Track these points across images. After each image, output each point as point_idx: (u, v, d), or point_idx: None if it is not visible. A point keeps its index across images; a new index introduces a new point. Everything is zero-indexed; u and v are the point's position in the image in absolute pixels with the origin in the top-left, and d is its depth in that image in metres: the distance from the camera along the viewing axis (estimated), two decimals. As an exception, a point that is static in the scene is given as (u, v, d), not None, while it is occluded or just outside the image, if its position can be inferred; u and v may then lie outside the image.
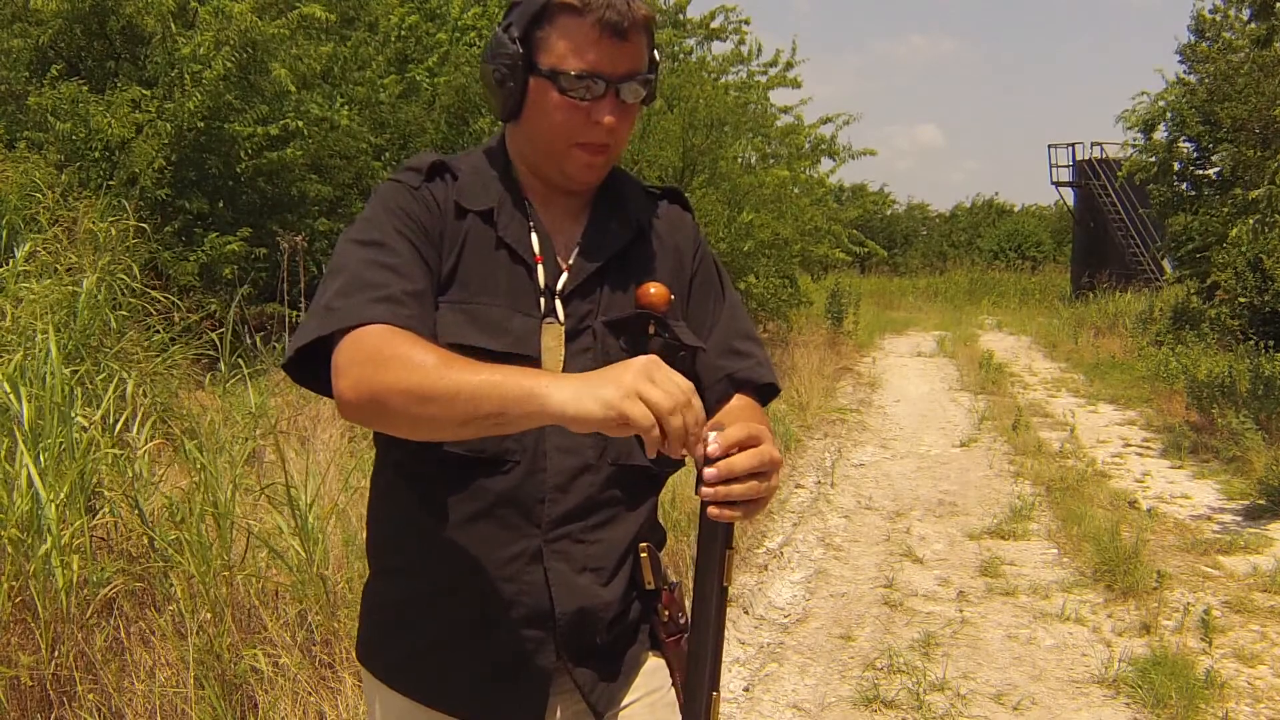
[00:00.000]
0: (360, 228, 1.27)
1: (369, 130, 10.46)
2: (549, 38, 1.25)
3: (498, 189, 1.34)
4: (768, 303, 11.93)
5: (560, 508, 1.29)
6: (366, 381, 1.11)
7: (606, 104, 1.26)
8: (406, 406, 1.09)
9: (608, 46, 1.23)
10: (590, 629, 1.32)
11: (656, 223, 1.42)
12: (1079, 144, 24.67)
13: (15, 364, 3.14)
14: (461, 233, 1.30)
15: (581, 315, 1.31)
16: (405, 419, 1.12)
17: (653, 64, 1.30)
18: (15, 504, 2.73)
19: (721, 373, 1.38)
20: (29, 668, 2.51)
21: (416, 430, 1.13)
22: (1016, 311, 22.25)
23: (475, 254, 1.30)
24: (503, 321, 1.27)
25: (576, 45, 1.23)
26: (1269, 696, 3.62)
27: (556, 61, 1.24)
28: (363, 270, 1.21)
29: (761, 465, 1.06)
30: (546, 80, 1.25)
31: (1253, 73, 11.45)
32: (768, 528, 5.67)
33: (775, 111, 12.38)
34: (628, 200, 1.40)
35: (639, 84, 1.27)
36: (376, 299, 1.18)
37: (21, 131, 8.19)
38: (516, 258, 1.31)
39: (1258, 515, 6.00)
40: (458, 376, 1.07)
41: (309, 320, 1.21)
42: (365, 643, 1.41)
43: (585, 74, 1.24)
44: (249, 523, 3.29)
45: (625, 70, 1.26)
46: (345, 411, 1.15)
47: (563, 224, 1.35)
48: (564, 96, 1.25)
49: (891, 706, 3.51)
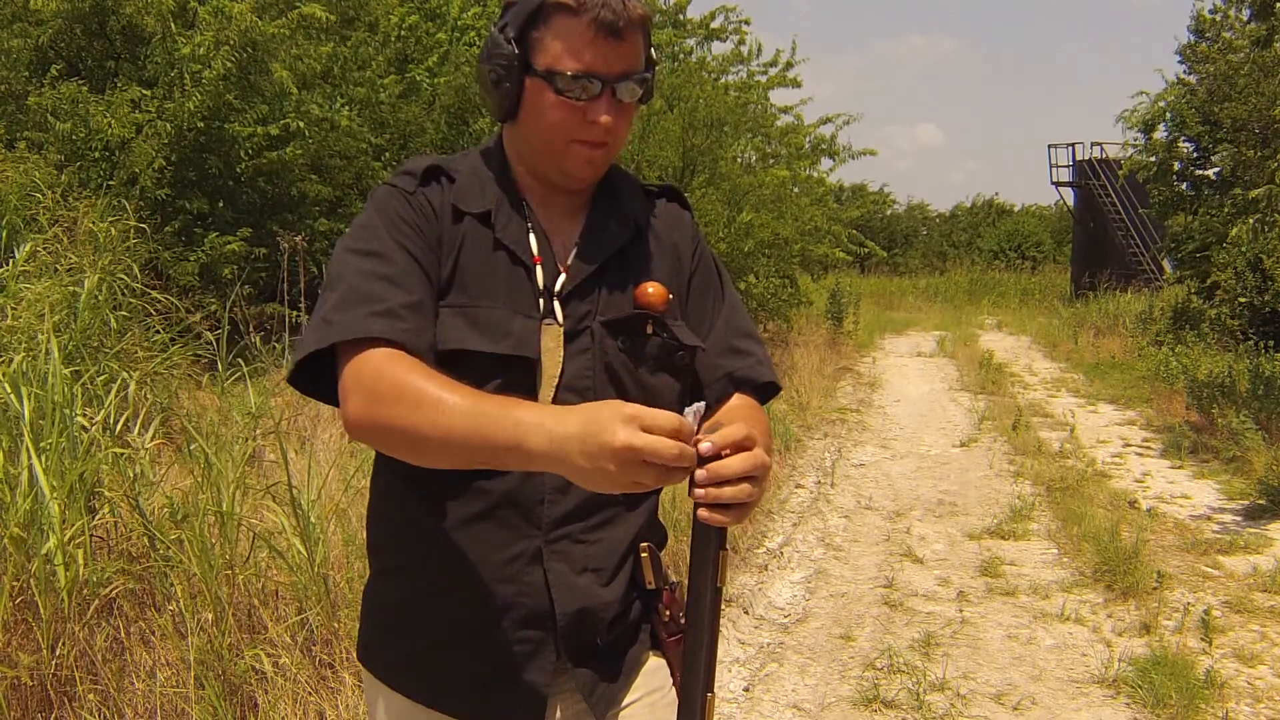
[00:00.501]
0: (357, 235, 1.27)
1: (369, 130, 10.47)
2: (544, 38, 1.24)
3: (495, 190, 1.33)
4: (768, 303, 11.93)
5: (560, 508, 1.29)
6: (368, 413, 1.14)
7: (603, 104, 1.25)
8: (405, 444, 1.15)
9: (603, 46, 1.23)
10: (591, 629, 1.32)
11: (655, 221, 1.41)
12: (1079, 144, 24.70)
13: (17, 365, 3.14)
14: (459, 236, 1.30)
15: (580, 316, 1.31)
16: (403, 453, 1.17)
17: (649, 63, 1.30)
18: (18, 503, 2.73)
19: (721, 371, 1.38)
20: (29, 667, 2.51)
21: (418, 461, 1.17)
22: (1016, 311, 22.24)
23: (473, 256, 1.29)
24: (503, 324, 1.27)
25: (572, 45, 1.23)
26: (1269, 696, 3.62)
27: (552, 62, 1.24)
28: (360, 282, 1.21)
29: (753, 469, 1.06)
30: (542, 80, 1.25)
31: (1253, 73, 11.45)
32: (768, 528, 5.67)
33: (775, 111, 12.38)
34: (626, 199, 1.40)
35: (635, 83, 1.27)
36: (374, 313, 1.18)
37: (21, 131, 8.20)
38: (515, 259, 1.30)
39: (1258, 515, 6.00)
40: (449, 422, 1.09)
41: (308, 334, 1.21)
42: (365, 643, 1.41)
43: (581, 74, 1.23)
44: (253, 521, 3.29)
45: (621, 70, 1.25)
46: (351, 433, 1.19)
47: (561, 224, 1.35)
48: (560, 97, 1.25)
49: (891, 706, 3.51)
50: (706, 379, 1.37)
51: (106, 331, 4.32)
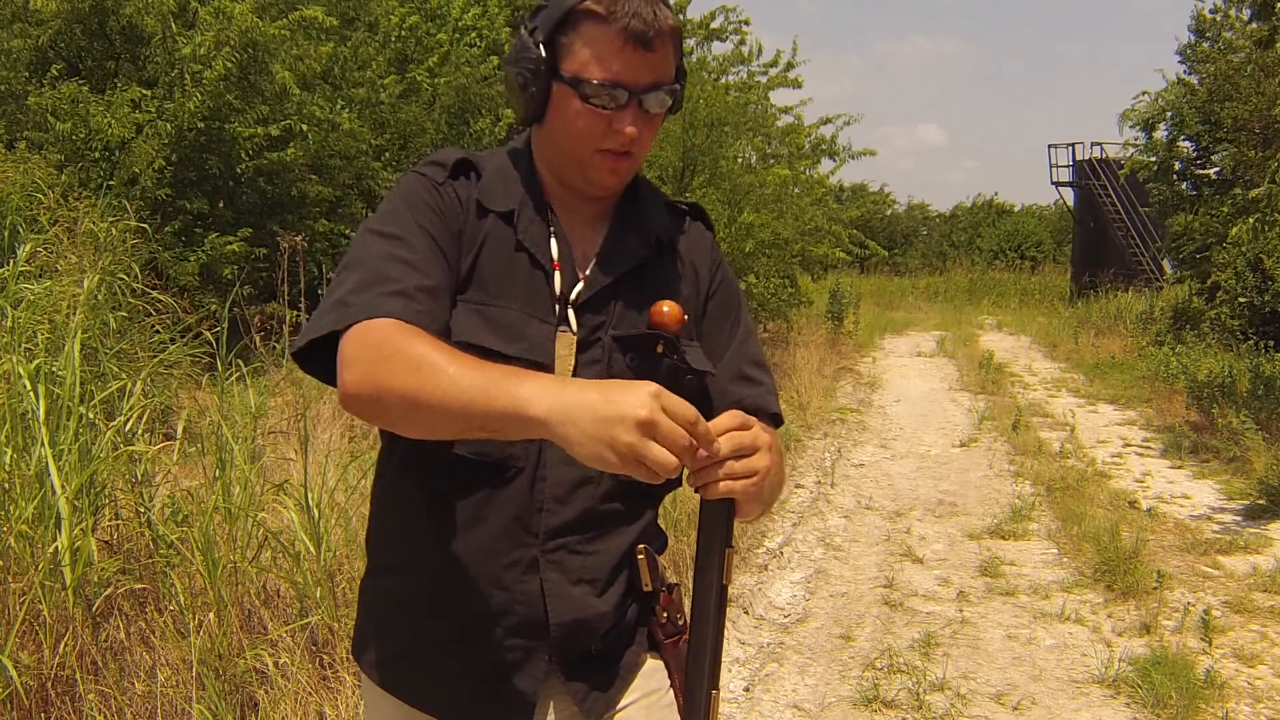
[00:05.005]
0: (381, 218, 1.26)
1: (369, 131, 10.47)
2: (573, 44, 1.23)
3: (520, 191, 1.32)
4: (768, 303, 11.92)
5: (558, 518, 1.29)
6: (369, 377, 1.10)
7: (629, 114, 1.24)
8: (403, 408, 1.09)
9: (632, 56, 1.22)
10: (584, 640, 1.32)
11: (677, 240, 1.40)
12: (1079, 144, 24.66)
13: (37, 364, 3.14)
14: (482, 232, 1.29)
15: (594, 327, 1.30)
16: (401, 420, 1.12)
17: (679, 73, 1.29)
18: (25, 504, 2.73)
19: (731, 398, 1.37)
20: (30, 667, 2.51)
21: (413, 430, 1.13)
22: (1016, 311, 22.24)
23: (494, 255, 1.29)
24: (519, 326, 1.26)
25: (600, 54, 1.22)
26: (1269, 696, 3.62)
27: (579, 69, 1.23)
28: (380, 264, 1.20)
29: (750, 445, 1.07)
30: (569, 87, 1.24)
31: (1253, 73, 11.45)
32: (768, 528, 5.67)
33: (775, 111, 12.37)
34: (649, 214, 1.39)
35: (665, 94, 1.26)
36: (390, 293, 1.17)
37: (21, 131, 8.20)
38: (535, 262, 1.29)
39: (1258, 515, 6.00)
40: (450, 385, 1.05)
41: (324, 313, 1.19)
42: (358, 638, 1.41)
43: (608, 83, 1.22)
44: (263, 516, 3.30)
45: (650, 81, 1.24)
46: (346, 404, 1.14)
47: (582, 231, 1.34)
48: (586, 104, 1.23)
49: (891, 706, 3.51)
50: (717, 404, 1.36)
51: (106, 332, 4.32)
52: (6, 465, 2.81)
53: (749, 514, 1.16)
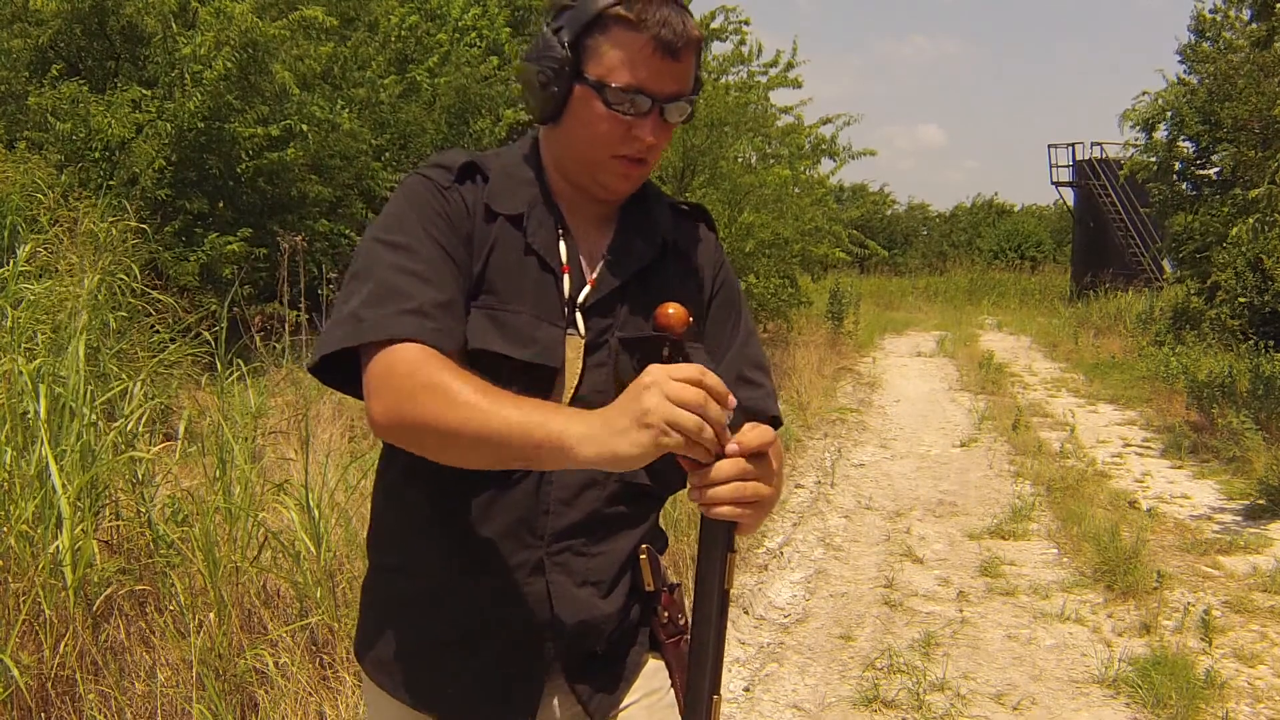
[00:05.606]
0: (387, 225, 1.25)
1: (369, 131, 10.47)
2: (600, 47, 1.23)
3: (528, 193, 1.32)
4: (768, 303, 11.92)
5: (563, 521, 1.29)
6: (397, 410, 1.12)
7: (650, 122, 1.24)
8: (437, 441, 1.12)
9: (659, 64, 1.22)
10: (590, 641, 1.32)
11: (681, 241, 1.40)
12: (1079, 144, 24.68)
13: (38, 364, 3.14)
14: (491, 236, 1.28)
15: (601, 329, 1.30)
16: (433, 450, 1.14)
17: (697, 84, 1.29)
18: (25, 503, 2.73)
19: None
20: (30, 667, 2.52)
21: (445, 459, 1.15)
22: (1016, 311, 22.25)
23: (503, 259, 1.28)
24: (529, 330, 1.26)
25: (628, 59, 1.22)
26: (1269, 696, 3.62)
27: (605, 73, 1.22)
28: (390, 277, 1.19)
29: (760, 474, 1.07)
30: (592, 90, 1.23)
31: (1253, 73, 11.45)
32: (768, 528, 5.67)
33: (775, 112, 12.37)
34: (655, 217, 1.39)
35: (685, 103, 1.26)
36: (405, 311, 1.16)
37: (21, 131, 8.20)
38: (545, 265, 1.29)
39: (1258, 515, 6.00)
40: (485, 420, 1.07)
41: (336, 327, 1.19)
42: (360, 638, 1.41)
43: (633, 89, 1.22)
44: (263, 516, 3.30)
45: (673, 90, 1.24)
46: (377, 432, 1.16)
47: (589, 233, 1.34)
48: (608, 109, 1.23)
49: (891, 706, 3.51)
50: None
51: (106, 332, 4.32)
52: (7, 465, 2.81)
53: (748, 532, 1.16)
